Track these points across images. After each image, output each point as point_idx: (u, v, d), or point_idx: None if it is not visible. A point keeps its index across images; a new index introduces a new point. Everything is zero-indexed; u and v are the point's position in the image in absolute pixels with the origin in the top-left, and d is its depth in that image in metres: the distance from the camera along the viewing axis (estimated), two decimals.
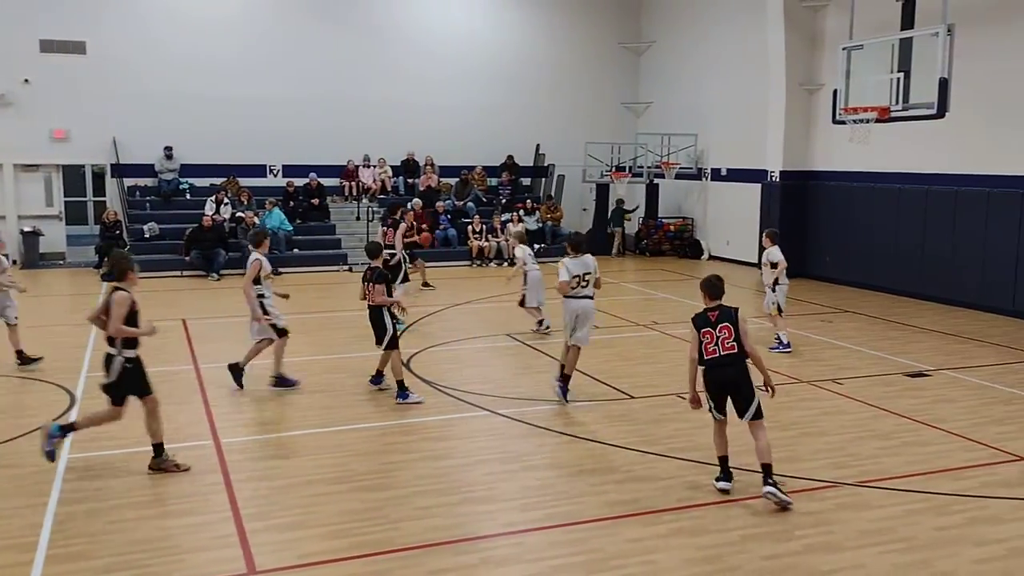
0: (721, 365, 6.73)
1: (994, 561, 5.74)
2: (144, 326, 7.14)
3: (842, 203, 18.48)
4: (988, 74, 14.95)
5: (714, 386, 6.81)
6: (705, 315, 6.88)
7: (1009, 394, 9.90)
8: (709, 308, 6.90)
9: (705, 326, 6.82)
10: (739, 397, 6.76)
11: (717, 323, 6.78)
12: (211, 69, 21.50)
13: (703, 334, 6.80)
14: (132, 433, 7.69)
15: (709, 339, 6.77)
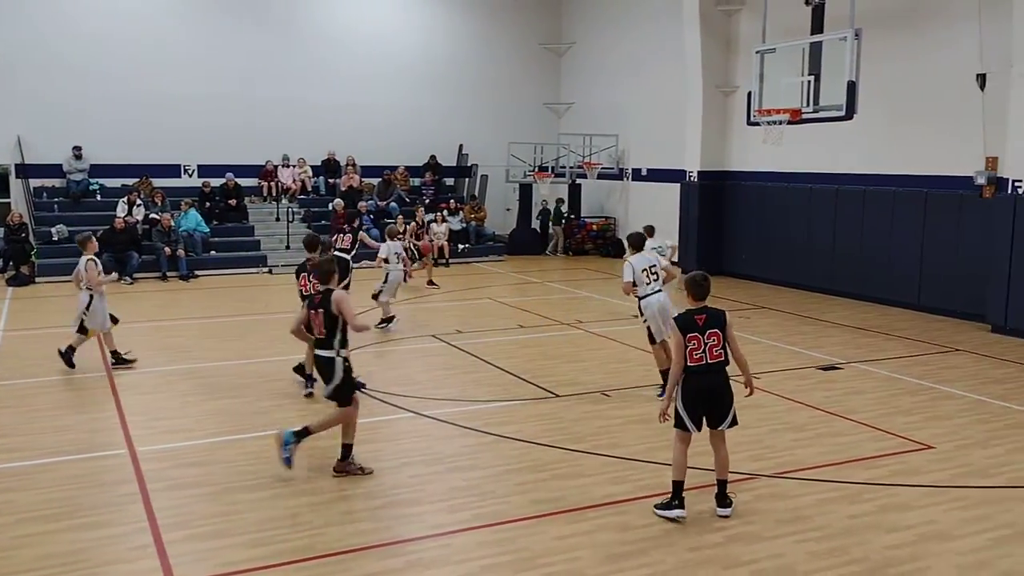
0: (708, 373, 6.25)
1: (904, 547, 5.97)
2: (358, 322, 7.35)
3: (757, 202, 18.99)
4: (894, 77, 15.56)
5: (698, 396, 6.30)
6: (691, 318, 6.32)
7: (916, 385, 10.31)
8: (695, 311, 6.37)
9: (692, 330, 6.27)
10: (718, 407, 6.35)
11: (705, 328, 6.27)
12: (124, 67, 20.85)
13: (689, 339, 6.25)
14: (38, 444, 7.40)
15: (696, 344, 6.24)
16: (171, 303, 16.14)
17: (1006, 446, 8.13)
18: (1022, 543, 6.04)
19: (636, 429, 8.53)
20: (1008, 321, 13.35)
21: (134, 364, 10.88)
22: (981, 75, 13.98)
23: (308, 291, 9.31)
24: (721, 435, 6.50)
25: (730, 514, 6.45)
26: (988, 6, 13.74)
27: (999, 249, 13.52)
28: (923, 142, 15.35)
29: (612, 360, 11.56)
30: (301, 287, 9.70)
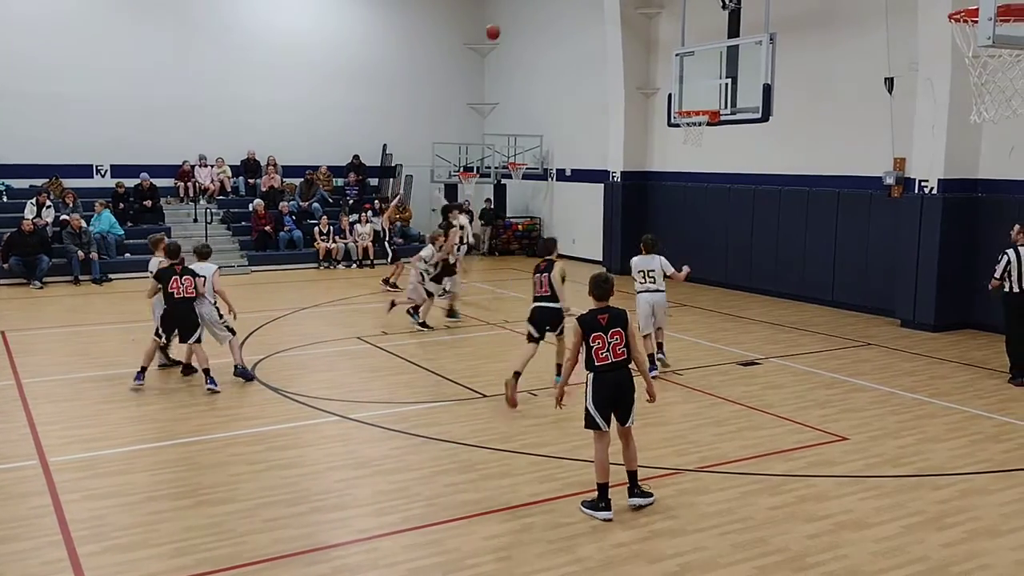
0: (614, 370, 6.43)
1: (823, 536, 6.16)
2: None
3: (678, 202, 19.34)
4: (808, 80, 16.05)
5: (607, 391, 6.42)
6: (594, 318, 6.47)
7: (831, 379, 10.65)
8: (597, 311, 6.51)
9: (595, 330, 6.42)
10: (625, 403, 6.47)
11: (608, 328, 6.41)
12: (31, 66, 20.07)
13: (593, 339, 6.40)
14: None
15: (600, 344, 6.39)
16: (84, 307, 15.58)
17: (916, 436, 8.46)
18: (933, 529, 6.30)
19: (563, 428, 8.60)
20: (916, 315, 13.90)
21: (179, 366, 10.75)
22: (889, 79, 14.52)
23: (180, 293, 9.86)
24: (628, 430, 6.64)
25: (647, 504, 6.59)
26: (895, 14, 14.28)
27: (907, 246, 14.07)
28: (835, 143, 15.87)
29: (538, 360, 11.58)
30: (172, 289, 9.80)
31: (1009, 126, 11.33)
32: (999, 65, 7.90)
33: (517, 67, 24.74)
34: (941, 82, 13.17)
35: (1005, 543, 6.09)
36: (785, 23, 15.34)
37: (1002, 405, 9.60)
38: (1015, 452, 8.06)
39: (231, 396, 9.61)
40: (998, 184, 13.54)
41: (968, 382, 10.64)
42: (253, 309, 14.99)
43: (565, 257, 22.46)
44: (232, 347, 10.41)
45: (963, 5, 8.38)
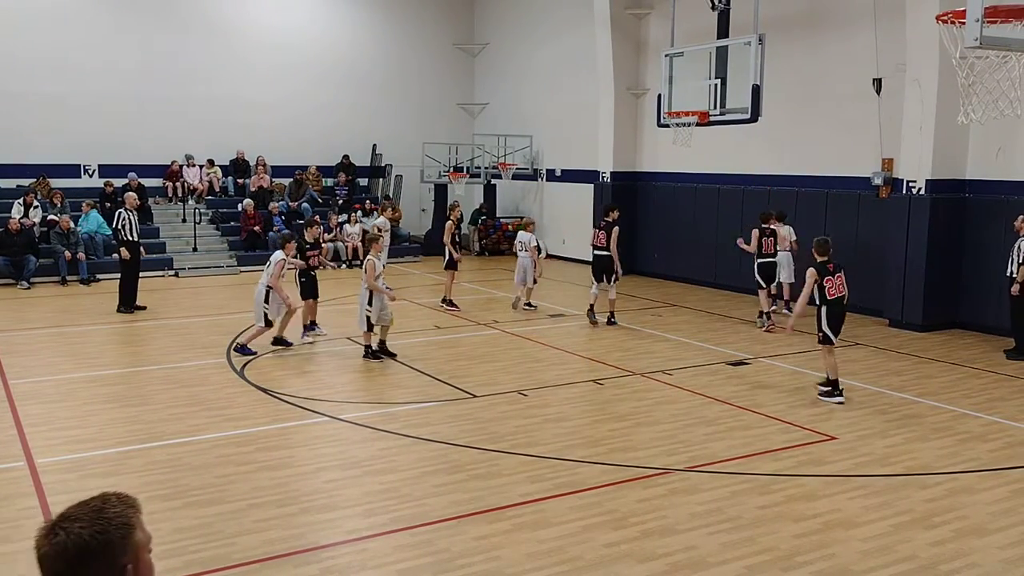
0: (842, 303, 9.48)
1: (811, 535, 6.18)
2: None
3: (668, 202, 19.38)
4: (797, 81, 16.11)
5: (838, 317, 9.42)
6: (824, 266, 9.33)
7: (819, 378, 10.68)
8: (826, 261, 9.46)
9: (827, 275, 9.29)
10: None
11: (835, 272, 9.34)
12: (18, 64, 19.94)
13: (826, 281, 9.26)
14: None
15: (831, 284, 9.30)
16: (72, 308, 15.50)
17: (904, 435, 8.51)
18: (921, 528, 6.33)
19: (553, 428, 8.61)
20: (904, 315, 13.98)
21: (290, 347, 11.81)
22: (877, 80, 14.60)
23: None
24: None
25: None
26: (883, 15, 14.35)
27: (895, 247, 14.15)
28: (824, 144, 15.94)
29: (528, 360, 11.63)
30: None
31: (996, 127, 11.44)
32: (986, 66, 7.95)
33: (507, 67, 24.74)
34: (929, 83, 13.25)
35: (993, 542, 6.13)
36: (774, 24, 15.40)
37: (989, 404, 9.67)
38: (1002, 451, 8.11)
39: (220, 397, 9.58)
40: (985, 185, 13.62)
41: (956, 381, 10.71)
42: (242, 309, 14.96)
43: (554, 257, 22.66)
44: (254, 329, 11.59)
45: (950, 6, 8.43)
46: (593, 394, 9.97)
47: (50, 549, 1.83)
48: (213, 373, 10.60)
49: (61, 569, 1.82)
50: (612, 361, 11.48)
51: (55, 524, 1.87)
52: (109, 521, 1.86)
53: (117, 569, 1.84)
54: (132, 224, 14.54)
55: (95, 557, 1.82)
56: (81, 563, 1.81)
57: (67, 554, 1.81)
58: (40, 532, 1.88)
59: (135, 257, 14.65)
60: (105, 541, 1.84)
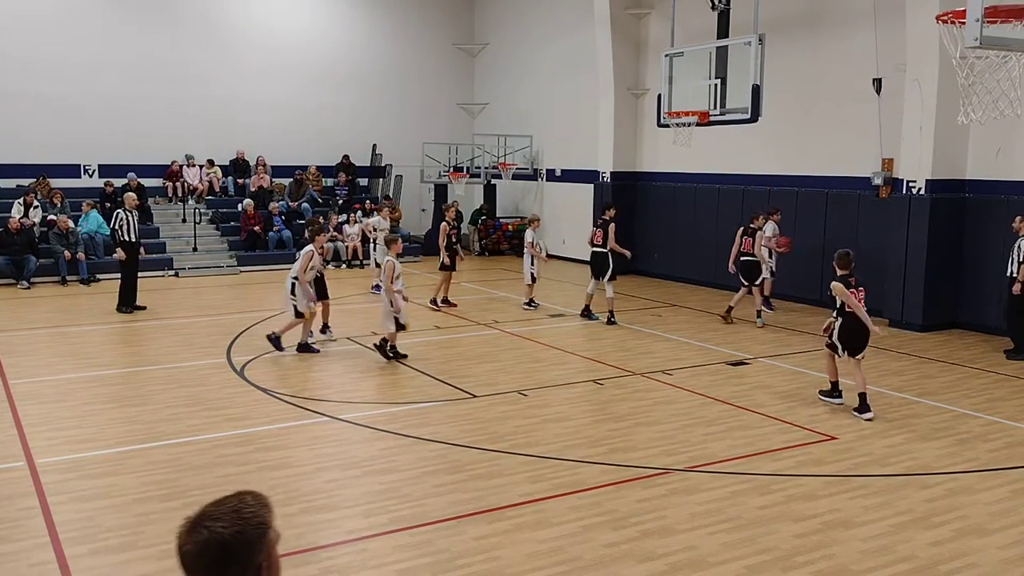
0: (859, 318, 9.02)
1: (810, 535, 6.18)
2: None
3: (668, 202, 19.38)
4: (797, 81, 16.11)
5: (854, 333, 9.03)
6: (847, 280, 8.97)
7: (820, 378, 10.66)
8: (847, 275, 9.01)
9: (850, 288, 8.95)
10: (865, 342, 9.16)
11: (857, 286, 9.01)
12: (17, 64, 19.93)
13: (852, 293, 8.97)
14: None
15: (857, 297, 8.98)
16: (72, 308, 15.50)
17: (904, 435, 8.51)
18: (921, 528, 6.33)
19: (553, 428, 8.61)
20: (904, 315, 13.98)
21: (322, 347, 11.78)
22: (877, 80, 14.60)
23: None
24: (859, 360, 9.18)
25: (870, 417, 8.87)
26: (883, 15, 14.35)
27: (895, 247, 14.15)
28: (824, 144, 15.93)
29: (528, 360, 11.63)
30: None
31: (996, 127, 11.45)
32: (986, 66, 7.95)
33: (507, 67, 24.74)
34: (929, 83, 13.25)
35: (992, 542, 6.13)
36: (774, 24, 15.40)
37: (989, 404, 9.67)
38: (1002, 451, 8.11)
39: (220, 397, 9.58)
40: (985, 185, 13.62)
41: (956, 381, 10.71)
42: (242, 309, 14.97)
43: (555, 257, 22.66)
44: (285, 322, 11.66)
45: (950, 6, 8.43)
46: (593, 394, 9.98)
47: (193, 547, 1.92)
48: (213, 373, 10.60)
49: (202, 566, 1.91)
50: (612, 361, 11.48)
51: (197, 522, 1.95)
52: (247, 521, 1.93)
53: (253, 567, 1.92)
54: (130, 225, 14.54)
55: (235, 555, 1.91)
56: (222, 561, 1.89)
57: (209, 552, 1.89)
58: (182, 529, 1.96)
59: (133, 257, 14.64)
60: (244, 540, 1.92)
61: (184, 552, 1.94)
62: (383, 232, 16.94)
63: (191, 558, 1.93)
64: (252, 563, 1.93)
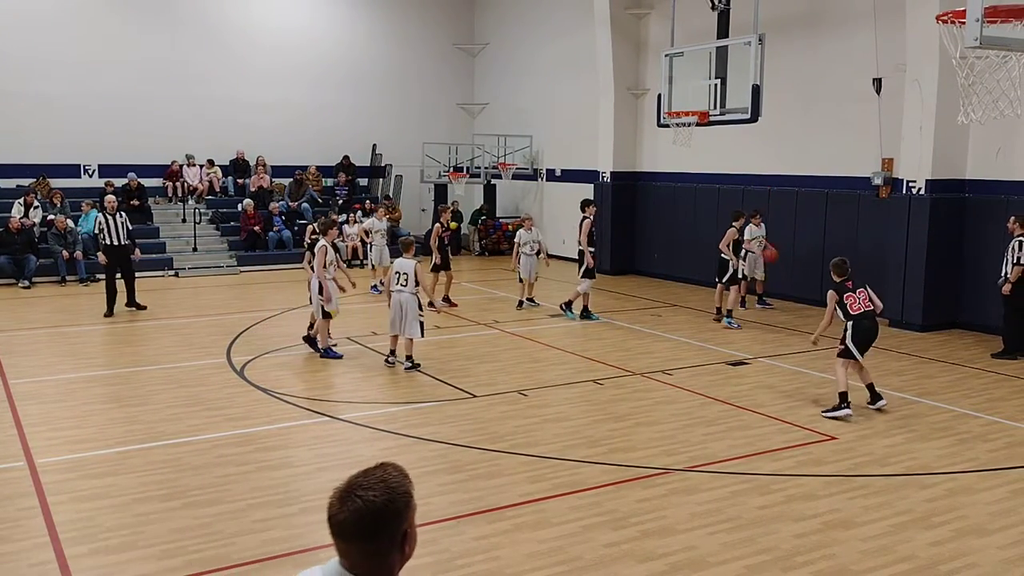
0: (867, 317, 9.08)
1: (810, 535, 6.18)
2: None
3: (668, 202, 19.38)
4: (797, 81, 16.10)
5: (863, 332, 9.03)
6: (843, 285, 9.12)
7: (820, 378, 10.69)
8: (844, 280, 9.17)
9: (846, 292, 9.10)
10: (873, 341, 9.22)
11: (855, 289, 9.13)
12: (17, 64, 19.93)
13: (846, 298, 9.06)
14: None
15: (852, 300, 9.05)
16: (71, 308, 15.50)
17: (904, 435, 8.51)
18: (920, 528, 6.33)
19: (553, 428, 8.61)
20: (904, 315, 13.97)
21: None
22: (877, 80, 14.60)
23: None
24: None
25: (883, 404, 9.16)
26: (883, 15, 14.35)
27: (895, 247, 14.14)
28: (823, 144, 15.93)
29: (528, 360, 11.63)
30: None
31: (996, 127, 11.45)
32: (986, 66, 7.95)
33: (507, 67, 24.74)
34: (929, 83, 13.25)
35: (992, 542, 6.13)
36: (774, 24, 15.39)
37: (989, 405, 9.67)
38: (1002, 451, 8.11)
39: (220, 397, 9.58)
40: (985, 185, 13.62)
41: (956, 381, 10.71)
42: (242, 309, 14.97)
43: (554, 257, 22.63)
44: (319, 326, 11.47)
45: (950, 6, 8.43)
46: (593, 394, 9.97)
47: (348, 515, 2.07)
48: (213, 373, 10.60)
49: (357, 532, 2.07)
50: (612, 361, 11.48)
51: (348, 492, 2.09)
52: (394, 490, 2.10)
53: (400, 532, 2.10)
54: (110, 227, 14.24)
55: (385, 521, 2.08)
56: (374, 526, 2.06)
57: (363, 519, 2.06)
58: (334, 499, 2.10)
59: (115, 260, 14.33)
60: (394, 508, 2.09)
61: (339, 520, 2.08)
62: (379, 233, 16.99)
63: (346, 525, 2.07)
64: (399, 529, 2.09)
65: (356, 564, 2.11)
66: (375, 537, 2.09)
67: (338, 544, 2.13)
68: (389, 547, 2.11)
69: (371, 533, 2.08)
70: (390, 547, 2.11)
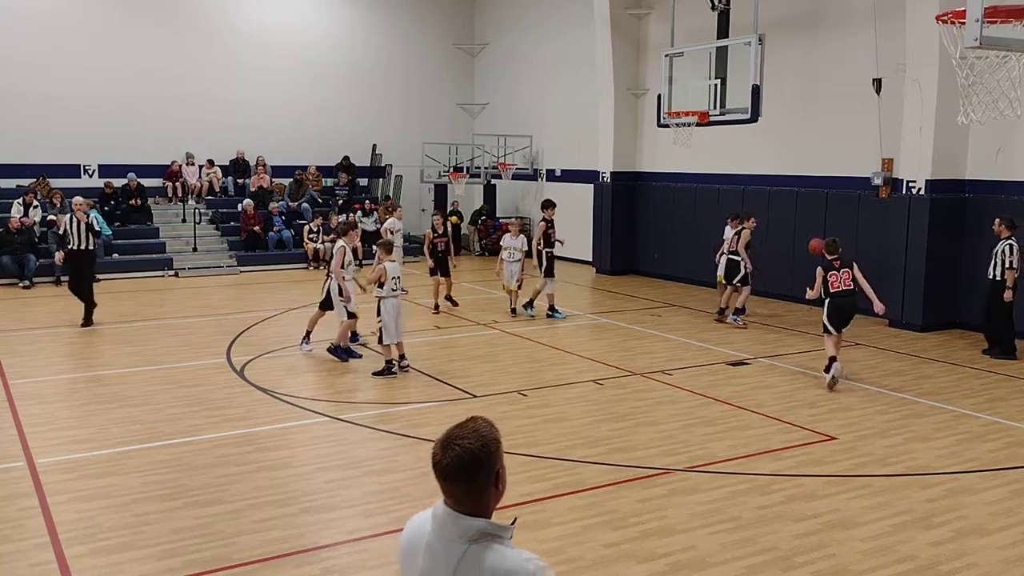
0: (845, 296, 10.02)
1: (811, 535, 6.18)
2: None
3: (668, 202, 19.38)
4: (797, 81, 16.11)
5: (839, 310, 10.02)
6: (831, 263, 10.06)
7: (819, 378, 10.68)
8: (833, 259, 10.10)
9: (831, 270, 10.04)
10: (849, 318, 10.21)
11: (840, 268, 10.05)
12: (18, 64, 19.94)
13: (830, 275, 10.02)
14: None
15: (834, 279, 10.01)
16: (70, 308, 15.46)
17: (904, 435, 8.51)
18: (921, 528, 6.33)
19: (553, 428, 8.61)
20: (904, 316, 13.97)
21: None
22: (877, 80, 14.60)
23: None
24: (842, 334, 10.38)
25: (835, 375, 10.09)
26: (883, 15, 14.35)
27: (894, 247, 14.14)
28: (823, 144, 15.93)
29: (528, 360, 11.63)
30: None
31: (996, 127, 11.45)
32: (986, 66, 7.95)
33: (507, 67, 24.74)
34: (928, 83, 13.24)
35: (992, 542, 6.13)
36: (774, 24, 15.40)
37: (989, 405, 9.67)
38: (1002, 451, 8.11)
39: (220, 397, 9.58)
40: (985, 185, 13.62)
41: (956, 381, 10.71)
42: (242, 309, 14.98)
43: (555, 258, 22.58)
44: (341, 328, 11.35)
45: (950, 6, 8.43)
46: (593, 394, 9.97)
47: (451, 460, 2.41)
48: (213, 373, 10.60)
49: (459, 474, 2.41)
50: (612, 361, 11.48)
51: (448, 442, 2.44)
52: (485, 437, 2.44)
53: (493, 474, 2.45)
54: (74, 231, 13.48)
55: (481, 463, 2.42)
56: (473, 469, 2.40)
57: (464, 463, 2.40)
58: (437, 449, 2.44)
59: (76, 266, 13.67)
60: (487, 452, 2.43)
61: (443, 466, 2.42)
62: (399, 233, 17.07)
63: (450, 469, 2.41)
64: (493, 469, 2.44)
65: (459, 501, 2.46)
66: (474, 477, 2.42)
67: (443, 486, 2.47)
68: (486, 485, 2.45)
69: (470, 474, 2.41)
70: (486, 485, 2.45)
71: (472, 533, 2.45)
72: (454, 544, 2.45)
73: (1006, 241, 11.75)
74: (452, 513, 2.46)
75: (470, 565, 2.44)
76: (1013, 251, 11.67)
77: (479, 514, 2.47)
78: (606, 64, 19.80)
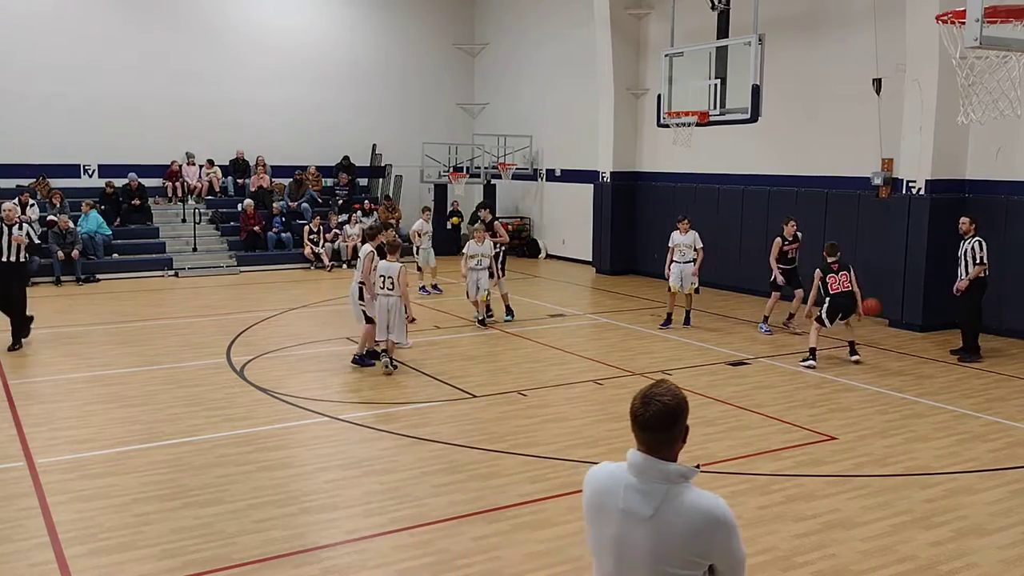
0: (842, 296, 11.04)
1: (810, 535, 6.18)
2: None
3: (667, 203, 19.35)
4: (796, 81, 16.09)
5: (836, 308, 11.02)
6: (829, 265, 11.10)
7: (819, 378, 10.69)
8: (832, 261, 11.14)
9: (829, 272, 11.09)
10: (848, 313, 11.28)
11: (839, 271, 11.11)
12: (17, 64, 19.92)
13: (828, 278, 11.08)
14: None
15: (833, 280, 11.07)
16: (69, 308, 15.48)
17: (903, 435, 8.51)
18: (921, 528, 6.33)
19: (553, 428, 8.61)
20: (904, 316, 13.97)
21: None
22: (877, 80, 14.59)
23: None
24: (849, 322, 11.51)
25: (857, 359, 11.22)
26: (883, 15, 14.35)
27: (894, 247, 14.14)
28: (823, 144, 15.93)
29: (528, 360, 11.63)
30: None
31: (996, 127, 11.44)
32: (986, 66, 7.95)
33: (507, 67, 24.73)
34: (928, 83, 13.24)
35: (992, 542, 6.13)
36: (774, 24, 15.39)
37: (989, 405, 9.67)
38: (1002, 451, 8.11)
39: (220, 397, 9.58)
40: (985, 185, 13.62)
41: (955, 382, 10.71)
42: (242, 309, 14.98)
43: (554, 257, 22.65)
44: (362, 333, 11.15)
45: (950, 6, 8.43)
46: (593, 394, 9.97)
47: (652, 414, 2.76)
48: (213, 373, 10.60)
49: (656, 425, 2.76)
50: (612, 361, 11.48)
51: (649, 398, 2.78)
52: (677, 395, 2.80)
53: (683, 425, 2.81)
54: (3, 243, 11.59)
55: (676, 416, 2.78)
56: (670, 421, 2.76)
57: (664, 415, 2.75)
58: (638, 403, 2.79)
59: (4, 279, 11.59)
60: (681, 409, 2.79)
61: (645, 418, 2.76)
62: (427, 235, 16.88)
63: (652, 420, 2.76)
64: (683, 423, 2.80)
65: (652, 449, 2.79)
66: (670, 428, 2.77)
67: (640, 435, 2.80)
68: (678, 436, 2.81)
69: (667, 425, 2.76)
70: (678, 436, 2.81)
71: (671, 475, 2.77)
72: (656, 484, 2.76)
73: (973, 239, 11.81)
74: (650, 458, 2.79)
75: (671, 501, 2.76)
76: (983, 247, 11.71)
77: (670, 460, 2.80)
78: (606, 64, 19.80)
